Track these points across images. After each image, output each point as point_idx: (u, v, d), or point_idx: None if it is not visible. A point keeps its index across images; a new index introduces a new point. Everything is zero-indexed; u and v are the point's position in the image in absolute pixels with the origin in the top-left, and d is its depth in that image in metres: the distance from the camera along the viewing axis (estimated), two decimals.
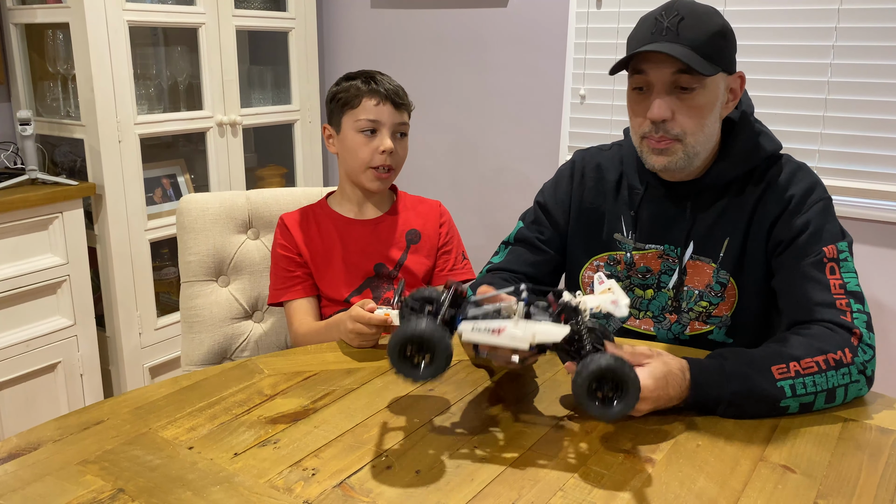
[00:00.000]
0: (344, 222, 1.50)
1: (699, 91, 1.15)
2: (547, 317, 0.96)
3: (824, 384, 1.02)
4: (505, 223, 2.57)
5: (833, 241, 1.15)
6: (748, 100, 1.28)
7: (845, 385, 1.03)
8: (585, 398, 0.89)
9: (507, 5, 2.43)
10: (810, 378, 1.02)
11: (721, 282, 1.25)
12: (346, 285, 1.48)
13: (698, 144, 1.18)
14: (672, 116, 1.16)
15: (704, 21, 1.14)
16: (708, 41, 1.13)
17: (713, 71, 1.13)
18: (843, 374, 1.03)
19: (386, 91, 1.44)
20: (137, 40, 2.24)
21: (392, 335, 0.88)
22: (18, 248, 1.98)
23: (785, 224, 1.19)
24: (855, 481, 0.88)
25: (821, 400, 1.03)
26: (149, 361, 2.30)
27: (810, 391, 1.02)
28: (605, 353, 0.89)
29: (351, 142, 1.45)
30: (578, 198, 1.37)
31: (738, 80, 1.21)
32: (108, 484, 0.86)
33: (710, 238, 1.25)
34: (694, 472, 0.89)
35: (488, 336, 0.92)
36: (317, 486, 0.86)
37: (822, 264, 1.14)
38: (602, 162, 1.37)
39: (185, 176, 2.47)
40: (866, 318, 1.09)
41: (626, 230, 1.32)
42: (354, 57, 2.82)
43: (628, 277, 1.32)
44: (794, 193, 1.20)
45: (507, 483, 0.87)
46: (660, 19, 1.15)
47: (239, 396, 1.08)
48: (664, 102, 1.15)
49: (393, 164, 1.46)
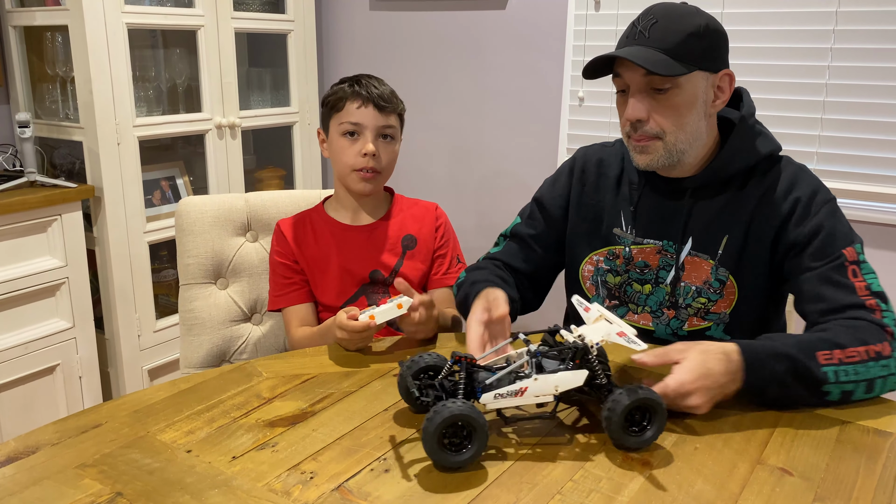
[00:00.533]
0: (340, 228, 1.50)
1: (673, 91, 1.17)
2: (557, 363, 0.98)
3: (865, 374, 1.04)
4: (503, 225, 2.56)
5: (850, 243, 1.17)
6: (749, 102, 1.29)
7: (884, 377, 1.06)
8: (622, 436, 0.93)
9: (505, 7, 2.43)
10: (852, 367, 1.04)
11: (720, 279, 1.26)
12: (341, 292, 1.48)
13: (680, 142, 1.20)
14: (648, 117, 1.19)
15: (678, 23, 1.16)
16: (681, 42, 1.15)
17: (682, 71, 1.15)
18: (882, 365, 1.05)
19: (369, 94, 1.43)
20: (136, 42, 2.24)
21: (426, 423, 0.88)
22: (17, 250, 1.98)
23: (796, 228, 1.20)
24: (852, 484, 0.88)
25: (861, 390, 1.04)
26: (148, 364, 2.30)
27: (851, 379, 1.04)
28: (623, 391, 0.93)
29: (336, 145, 1.46)
30: (578, 193, 1.39)
31: (727, 77, 1.22)
32: (106, 487, 0.86)
33: (708, 235, 1.27)
34: (692, 474, 0.90)
35: (514, 400, 0.95)
36: (315, 490, 0.86)
37: (844, 268, 1.15)
38: (604, 158, 1.39)
39: (184, 178, 2.47)
40: (894, 315, 1.11)
41: (625, 225, 1.34)
42: (353, 59, 2.82)
43: (626, 272, 1.33)
44: (800, 196, 1.21)
45: (506, 486, 0.87)
46: (636, 24, 1.20)
47: (237, 399, 1.08)
48: (638, 103, 1.19)
49: (377, 166, 1.44)
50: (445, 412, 0.87)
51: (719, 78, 1.21)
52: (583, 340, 0.98)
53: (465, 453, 0.89)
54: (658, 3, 1.21)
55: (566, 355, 0.98)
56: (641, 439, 0.94)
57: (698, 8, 1.20)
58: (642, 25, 1.18)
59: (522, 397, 0.94)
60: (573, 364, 0.97)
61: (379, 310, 1.20)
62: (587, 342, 0.97)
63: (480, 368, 0.99)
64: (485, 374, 0.98)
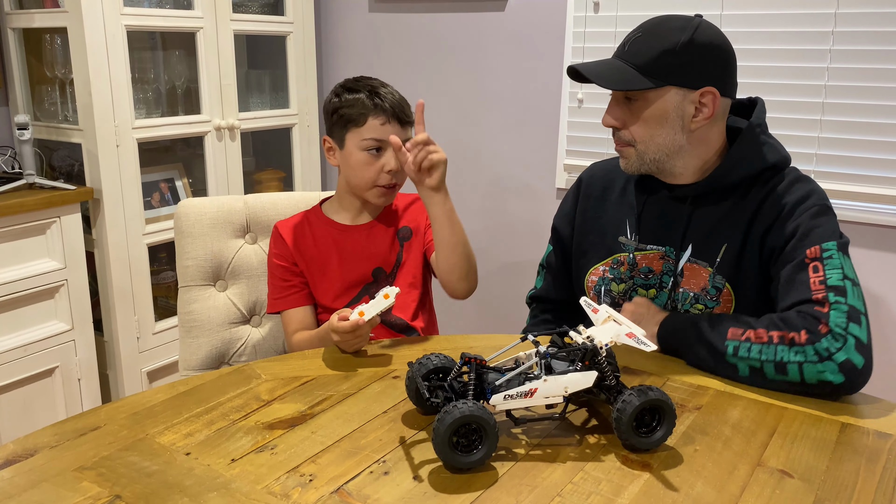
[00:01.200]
0: (339, 229, 1.50)
1: (640, 103, 1.22)
2: (566, 364, 0.98)
3: (772, 356, 1.08)
4: (503, 226, 2.57)
5: (817, 242, 1.16)
6: (760, 112, 1.29)
7: (799, 363, 1.06)
8: (632, 437, 0.94)
9: (504, 9, 2.44)
10: (757, 346, 1.10)
11: (717, 286, 1.27)
12: (344, 293, 1.48)
13: (650, 152, 1.25)
14: (623, 125, 1.25)
15: (658, 38, 1.20)
16: (654, 59, 1.19)
17: (645, 86, 1.19)
18: (795, 351, 1.07)
19: (392, 107, 1.41)
20: (135, 44, 2.24)
21: (436, 424, 0.88)
22: (16, 252, 1.98)
23: (777, 231, 1.22)
24: (853, 486, 0.88)
25: (769, 369, 1.09)
26: (147, 366, 2.30)
27: (755, 357, 1.10)
28: (633, 392, 0.93)
29: (356, 160, 1.43)
30: (584, 208, 1.43)
31: (709, 95, 1.21)
32: (104, 490, 0.86)
33: (707, 242, 1.27)
34: (691, 476, 0.89)
35: (523, 401, 0.95)
36: (314, 493, 0.86)
37: (805, 265, 1.15)
38: (611, 171, 1.43)
39: (183, 180, 2.47)
40: (847, 308, 1.08)
41: (629, 232, 1.36)
42: (352, 61, 2.82)
43: (631, 278, 1.34)
44: (788, 201, 1.22)
45: (505, 488, 0.87)
46: (626, 37, 1.25)
47: (236, 402, 1.08)
48: (610, 112, 1.26)
49: (399, 180, 1.45)
50: (456, 413, 0.87)
51: (700, 94, 1.21)
52: (592, 342, 0.98)
53: (475, 454, 0.89)
54: (653, 17, 1.24)
55: (575, 356, 0.98)
56: (651, 440, 0.94)
57: (693, 23, 1.20)
58: (627, 38, 1.24)
59: (532, 398, 0.95)
60: (582, 365, 0.97)
61: (367, 305, 1.21)
62: (596, 343, 0.97)
63: (490, 370, 0.99)
64: (494, 375, 0.98)
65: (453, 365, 1.02)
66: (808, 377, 1.06)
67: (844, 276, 1.12)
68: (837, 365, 1.05)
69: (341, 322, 1.20)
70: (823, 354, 1.05)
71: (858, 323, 1.07)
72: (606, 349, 0.99)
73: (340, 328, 1.21)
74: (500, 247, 2.58)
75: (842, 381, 1.05)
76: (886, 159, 1.88)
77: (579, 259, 1.43)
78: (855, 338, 1.06)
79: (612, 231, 1.38)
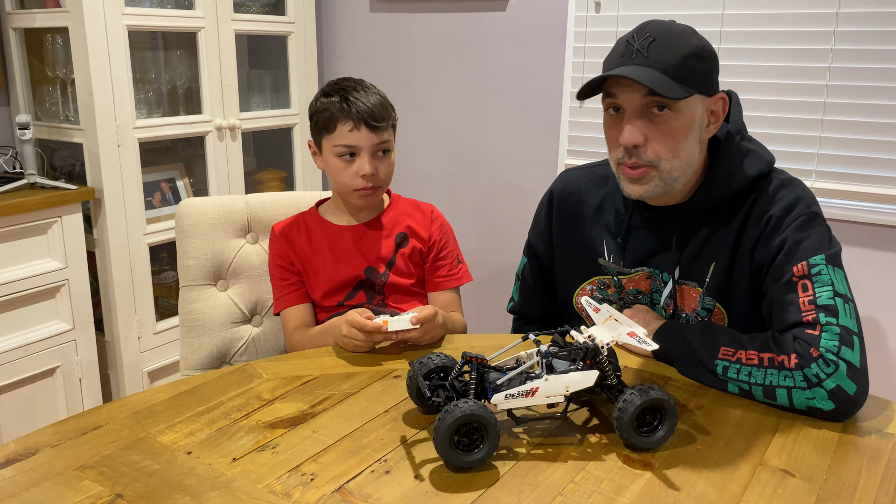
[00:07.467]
0: (334, 230, 1.50)
1: (671, 115, 1.11)
2: (568, 363, 0.98)
3: (760, 379, 1.05)
4: (502, 228, 2.57)
5: (805, 258, 1.10)
6: (738, 118, 1.22)
7: (787, 388, 1.03)
8: (633, 436, 0.94)
9: (505, 9, 2.44)
10: (747, 368, 1.07)
11: (707, 307, 1.24)
12: (337, 291, 1.48)
13: (675, 170, 1.15)
14: (645, 142, 1.12)
15: (676, 42, 1.11)
16: (680, 63, 1.09)
17: (685, 94, 1.09)
18: (784, 376, 1.03)
19: (360, 113, 1.38)
20: (136, 44, 2.24)
21: (438, 423, 0.88)
22: (17, 252, 1.98)
23: (763, 246, 1.17)
24: (854, 485, 0.88)
25: (758, 392, 1.06)
26: (148, 366, 2.30)
27: (744, 380, 1.07)
28: (634, 391, 0.93)
29: (332, 166, 1.43)
30: (560, 227, 1.37)
31: (720, 101, 1.17)
32: (106, 489, 0.86)
33: (695, 263, 1.23)
34: (693, 476, 0.89)
35: (525, 400, 0.95)
36: (315, 492, 0.86)
37: (793, 284, 1.10)
38: (582, 185, 1.36)
39: (185, 180, 2.47)
40: (839, 330, 1.03)
41: (608, 254, 1.31)
42: (353, 60, 2.82)
43: (621, 299, 1.32)
44: (773, 214, 1.16)
45: (507, 488, 0.87)
46: (631, 42, 1.12)
47: (237, 401, 1.08)
48: (635, 128, 1.12)
49: (376, 183, 1.43)
50: (457, 412, 0.87)
51: (714, 102, 1.16)
52: (593, 341, 0.98)
53: (476, 453, 0.90)
54: (652, 21, 1.15)
55: (577, 356, 0.98)
56: (652, 440, 0.94)
57: (691, 27, 1.16)
58: (639, 43, 1.11)
59: (533, 398, 0.95)
60: (584, 364, 0.97)
61: (393, 318, 1.21)
62: (597, 342, 0.97)
63: (491, 369, 0.99)
64: (496, 374, 0.98)
65: (454, 364, 1.02)
66: (797, 403, 1.02)
67: (835, 294, 1.06)
68: (827, 392, 1.00)
69: (363, 318, 1.21)
70: (813, 381, 1.01)
71: (851, 346, 1.02)
72: (608, 348, 0.98)
73: (361, 323, 1.21)
74: (500, 247, 2.58)
75: (832, 408, 1.00)
76: (888, 159, 1.88)
77: (564, 279, 1.38)
78: (847, 363, 1.01)
79: (590, 252, 1.32)
